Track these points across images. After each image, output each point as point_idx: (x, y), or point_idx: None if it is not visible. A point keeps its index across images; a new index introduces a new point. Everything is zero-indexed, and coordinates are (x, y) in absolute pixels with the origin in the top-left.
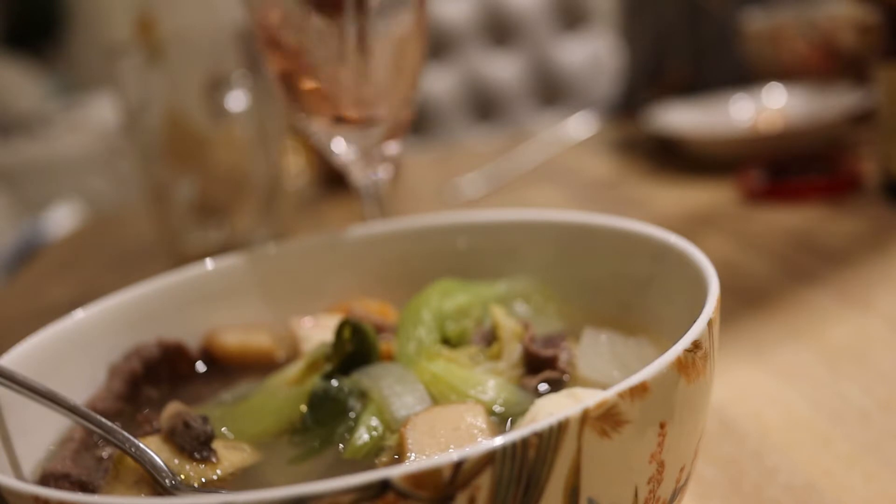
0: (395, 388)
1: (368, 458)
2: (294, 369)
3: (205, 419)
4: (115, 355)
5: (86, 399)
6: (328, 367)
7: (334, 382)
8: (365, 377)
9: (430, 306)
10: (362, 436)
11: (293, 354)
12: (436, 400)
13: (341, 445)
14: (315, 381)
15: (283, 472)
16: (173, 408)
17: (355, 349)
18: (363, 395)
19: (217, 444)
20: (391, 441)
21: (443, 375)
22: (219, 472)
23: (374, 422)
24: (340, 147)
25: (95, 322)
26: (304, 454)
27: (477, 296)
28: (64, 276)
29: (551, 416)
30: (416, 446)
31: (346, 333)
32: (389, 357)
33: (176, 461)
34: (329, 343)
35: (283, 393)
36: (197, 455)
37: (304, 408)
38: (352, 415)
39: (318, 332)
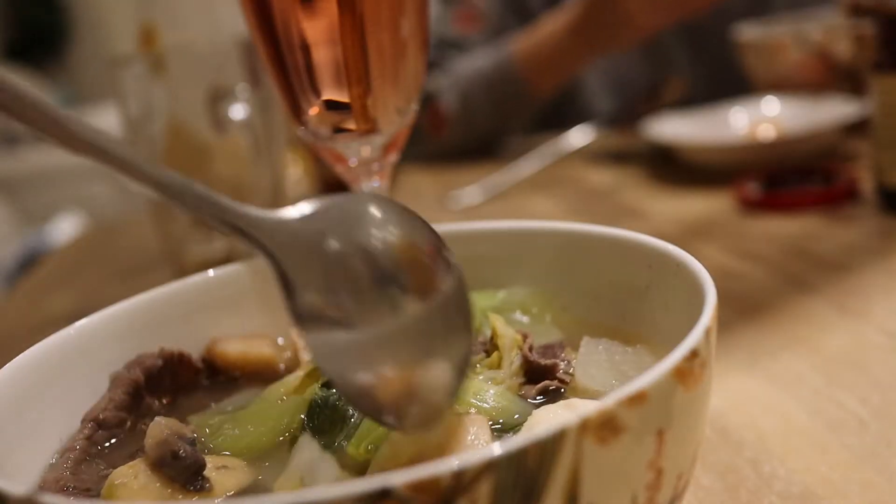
0: None
1: (370, 455)
2: (293, 378)
3: (192, 442)
4: (117, 365)
5: (87, 410)
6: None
7: (334, 390)
8: None
9: None
10: (365, 436)
11: (294, 363)
12: None
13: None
14: (314, 390)
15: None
16: (157, 432)
17: None
18: None
19: (210, 468)
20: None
21: None
22: (216, 501)
23: (374, 424)
24: (341, 156)
25: (97, 332)
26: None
27: (475, 305)
28: (66, 285)
29: (550, 425)
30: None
31: None
32: None
33: (168, 490)
34: None
35: (282, 402)
36: (189, 486)
37: (303, 416)
38: (352, 422)
39: None
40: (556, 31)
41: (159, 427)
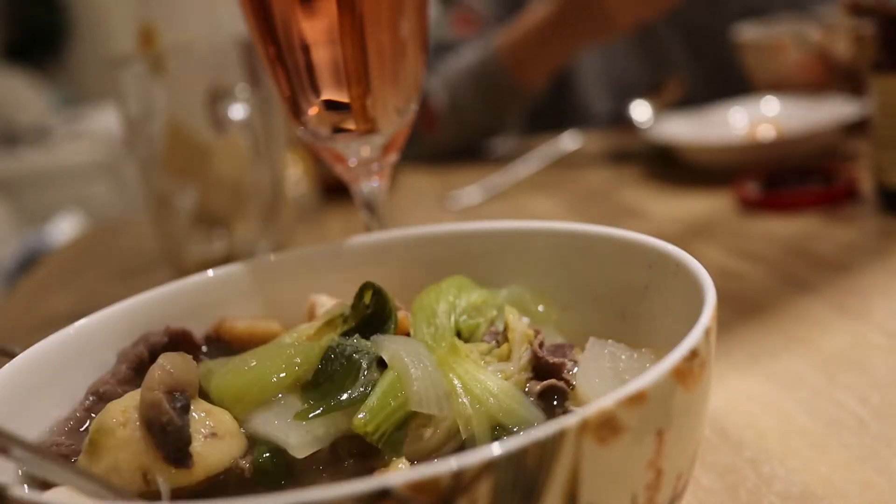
0: (419, 369)
1: (379, 430)
2: (308, 327)
3: (185, 408)
4: None
5: (90, 383)
6: (346, 327)
7: (353, 340)
8: (386, 342)
9: (447, 298)
10: (373, 405)
11: None
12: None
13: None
14: (332, 337)
15: (284, 431)
16: (152, 385)
17: (374, 311)
18: (381, 363)
19: (199, 435)
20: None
21: (458, 371)
22: (193, 478)
23: (390, 396)
24: (341, 156)
25: (97, 332)
26: (310, 409)
27: (491, 296)
28: (66, 285)
29: (550, 424)
30: None
31: (367, 296)
32: (405, 331)
33: (147, 453)
34: (348, 304)
35: (296, 344)
36: (171, 459)
37: (316, 361)
38: (364, 377)
39: (332, 301)
40: (537, 22)
41: (154, 381)
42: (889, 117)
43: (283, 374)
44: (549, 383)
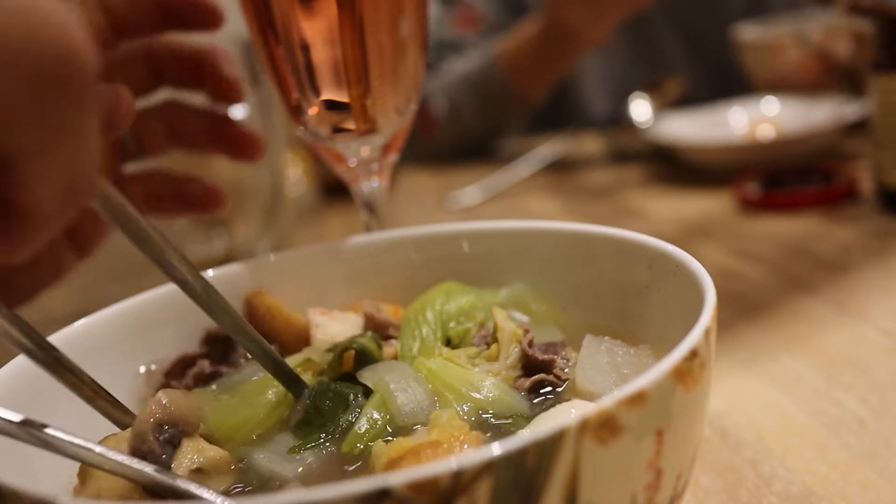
0: (401, 384)
1: (367, 451)
2: (293, 358)
3: (174, 440)
4: (116, 365)
5: (89, 410)
6: (322, 378)
7: (334, 385)
8: (368, 371)
9: (433, 307)
10: (362, 428)
11: (304, 342)
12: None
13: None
14: (309, 378)
15: (280, 464)
16: (139, 427)
17: (351, 371)
18: (366, 392)
19: (180, 471)
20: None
21: (439, 372)
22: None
23: (376, 414)
24: (341, 156)
25: (97, 332)
26: (304, 444)
27: (480, 299)
28: (66, 285)
29: (549, 425)
30: None
31: (347, 359)
32: (395, 356)
33: (130, 486)
34: (331, 348)
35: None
36: (148, 490)
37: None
38: (354, 405)
39: (330, 320)
40: (529, 38)
41: (147, 413)
42: (889, 117)
43: (272, 410)
44: (539, 378)
